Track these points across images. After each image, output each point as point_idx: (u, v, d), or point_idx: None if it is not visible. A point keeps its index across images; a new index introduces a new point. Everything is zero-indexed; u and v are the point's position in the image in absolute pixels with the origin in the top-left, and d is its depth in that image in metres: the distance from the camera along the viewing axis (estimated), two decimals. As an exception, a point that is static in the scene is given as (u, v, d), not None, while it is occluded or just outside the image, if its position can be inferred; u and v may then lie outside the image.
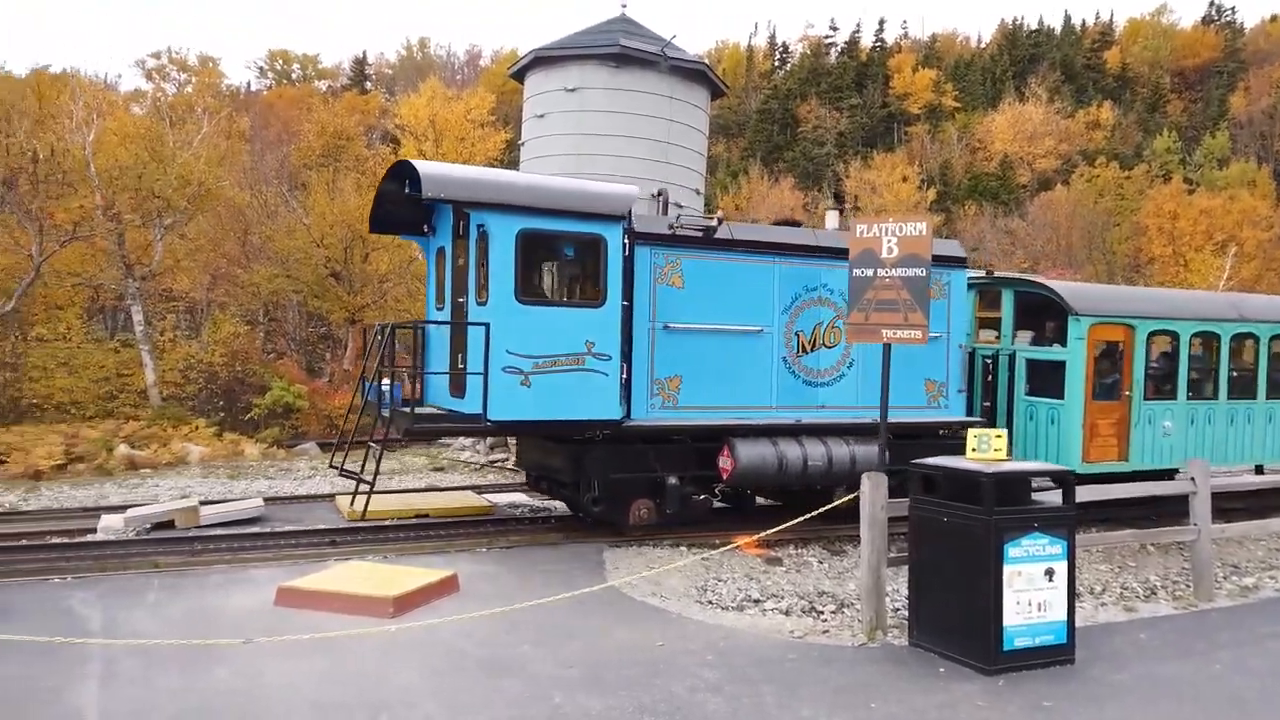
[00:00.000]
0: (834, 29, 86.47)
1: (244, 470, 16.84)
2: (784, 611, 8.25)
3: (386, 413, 10.36)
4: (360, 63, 76.22)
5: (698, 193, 20.57)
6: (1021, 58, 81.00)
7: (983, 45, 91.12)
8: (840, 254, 11.41)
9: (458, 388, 10.00)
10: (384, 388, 10.65)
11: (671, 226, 10.53)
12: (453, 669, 6.23)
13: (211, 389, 22.27)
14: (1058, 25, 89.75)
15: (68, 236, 21.32)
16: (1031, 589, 6.50)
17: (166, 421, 19.72)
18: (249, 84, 69.92)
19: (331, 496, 13.13)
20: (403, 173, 10.37)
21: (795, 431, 10.88)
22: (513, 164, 27.03)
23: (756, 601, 8.55)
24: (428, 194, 9.36)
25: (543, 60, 19.85)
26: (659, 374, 10.38)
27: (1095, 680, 6.43)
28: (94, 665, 6.10)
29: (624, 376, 9.95)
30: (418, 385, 10.78)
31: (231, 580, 8.33)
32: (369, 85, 71.49)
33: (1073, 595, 6.76)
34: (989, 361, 12.82)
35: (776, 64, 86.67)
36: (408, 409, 9.87)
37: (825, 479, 10.92)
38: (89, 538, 10.18)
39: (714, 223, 10.79)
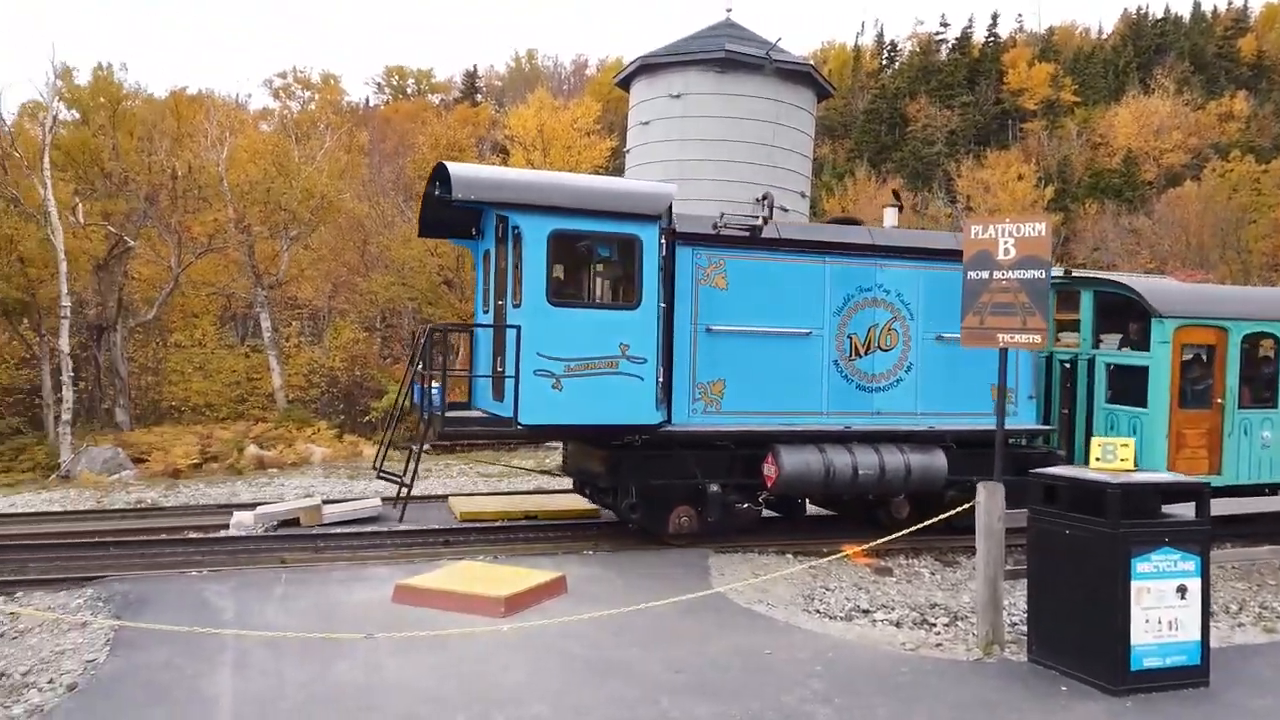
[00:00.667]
0: (945, 25, 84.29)
1: (363, 471, 17.50)
2: (895, 623, 8.08)
3: (427, 416, 10.33)
4: (471, 76, 78.29)
5: (803, 195, 20.35)
6: (1146, 48, 77.08)
7: (1104, 36, 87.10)
8: (897, 252, 11.01)
9: (498, 391, 10.04)
10: (433, 391, 10.62)
11: (716, 226, 10.25)
12: (562, 669, 6.33)
13: (332, 392, 23.27)
14: (1186, 13, 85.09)
15: (203, 248, 22.64)
16: (1162, 606, 6.19)
17: (291, 423, 20.69)
18: (367, 99, 72.71)
19: (445, 497, 13.52)
20: (443, 176, 10.35)
21: (845, 438, 10.50)
22: (617, 171, 27.29)
23: (866, 612, 8.39)
24: (457, 195, 9.28)
25: (647, 68, 19.99)
26: (701, 377, 10.14)
27: (1233, 705, 6.07)
28: (228, 655, 6.45)
29: (660, 379, 9.71)
30: (454, 388, 10.66)
31: (353, 577, 8.67)
32: (479, 97, 73.32)
33: (1207, 614, 6.40)
34: (1068, 366, 12.09)
35: (884, 63, 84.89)
36: (440, 412, 9.83)
37: (878, 488, 10.55)
38: (222, 533, 10.78)
39: (759, 221, 10.43)
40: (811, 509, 12.02)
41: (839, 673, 6.46)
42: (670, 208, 10.02)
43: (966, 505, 8.05)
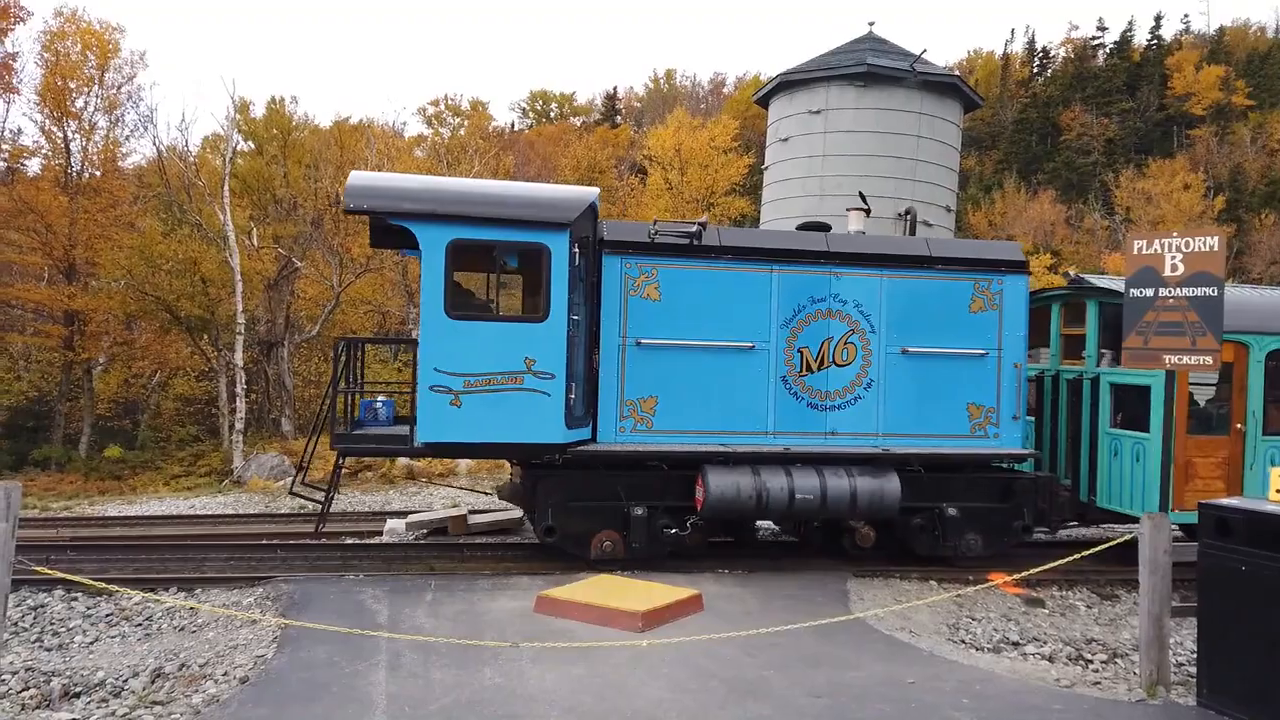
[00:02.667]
0: (1102, 29, 79.82)
1: (506, 483, 18.02)
2: (1047, 657, 7.70)
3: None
4: (611, 98, 79.92)
5: (948, 210, 19.77)
6: (1333, 45, 71.00)
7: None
8: (856, 260, 10.20)
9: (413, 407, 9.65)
10: (378, 405, 10.38)
11: (650, 234, 9.78)
12: (699, 687, 6.34)
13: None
14: (1382, 4, 77.78)
15: (362, 268, 23.98)
16: (1354, 654, 5.65)
17: (438, 436, 21.55)
18: (513, 124, 75.29)
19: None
20: None
21: (785, 460, 9.80)
22: (755, 188, 27.22)
23: (1015, 644, 8.05)
24: (348, 204, 8.98)
25: (787, 84, 19.92)
26: (630, 394, 9.65)
27: None
28: (382, 656, 6.78)
29: (572, 396, 9.17)
30: (355, 403, 10.35)
31: (497, 586, 8.96)
32: (619, 119, 74.77)
33: None
34: (1074, 386, 11.01)
35: (1035, 70, 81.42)
36: (346, 428, 9.59)
37: (820, 515, 9.85)
38: (377, 539, 11.34)
39: (692, 227, 9.87)
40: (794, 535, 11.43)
41: (988, 706, 6.20)
42: (590, 215, 9.52)
43: (1128, 536, 7.60)
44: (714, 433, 9.85)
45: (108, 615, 8.37)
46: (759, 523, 11.44)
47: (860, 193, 13.86)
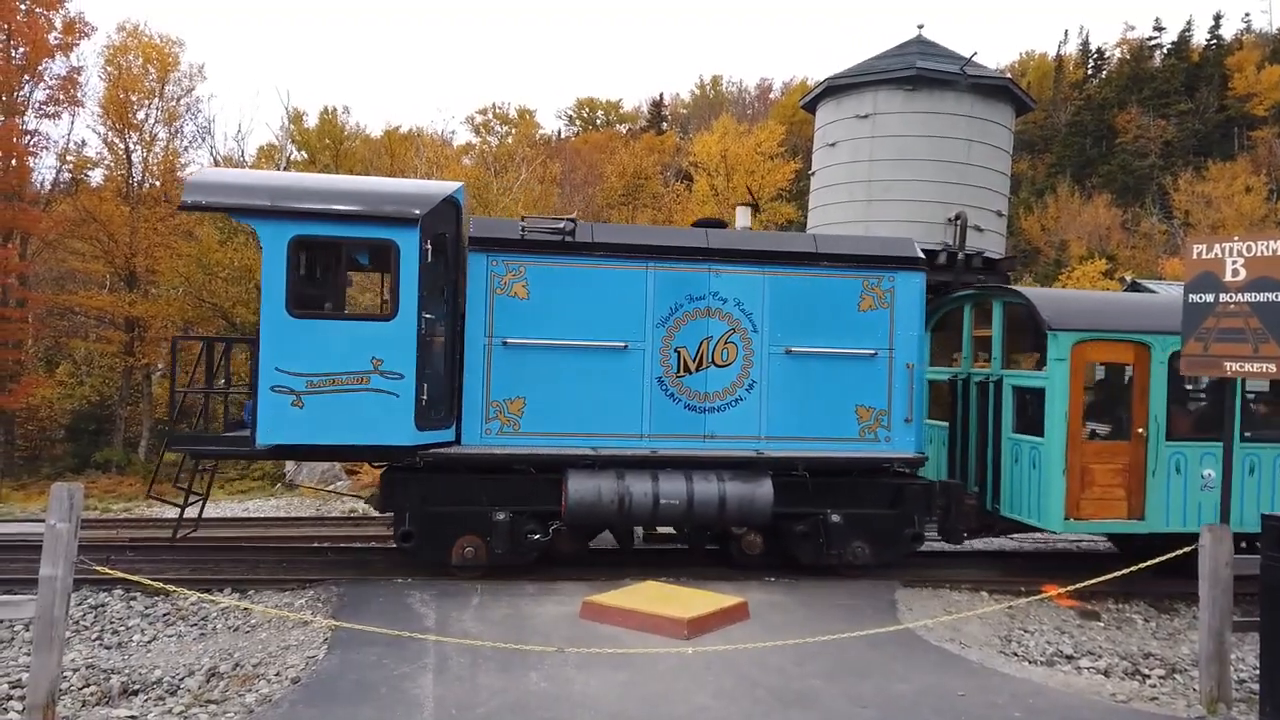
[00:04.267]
0: (1159, 29, 78.11)
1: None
2: (1102, 671, 7.53)
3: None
4: (657, 105, 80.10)
5: (999, 214, 19.45)
6: (1405, 41, 68.62)
7: (1351, 31, 78.24)
8: (737, 256, 9.88)
9: None
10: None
11: (521, 230, 9.53)
12: (745, 696, 6.30)
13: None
14: None
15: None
16: None
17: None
18: (559, 131, 75.83)
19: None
20: None
21: (653, 464, 9.46)
22: (802, 193, 27.10)
23: (1069, 658, 7.88)
24: (184, 201, 8.77)
25: (834, 89, 19.77)
26: (496, 395, 9.37)
27: None
28: (429, 659, 6.85)
29: (422, 397, 8.87)
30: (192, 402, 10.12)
31: (542, 591, 8.99)
32: (665, 125, 74.89)
33: None
34: (981, 389, 10.58)
35: (1090, 72, 79.89)
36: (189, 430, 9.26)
37: (686, 521, 9.53)
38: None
39: (561, 223, 9.60)
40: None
41: (1040, 721, 6.08)
42: (450, 210, 9.28)
43: (1189, 548, 7.39)
44: (585, 435, 9.56)
45: (165, 615, 8.58)
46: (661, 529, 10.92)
47: (749, 187, 13.50)
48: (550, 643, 7.13)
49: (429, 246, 8.98)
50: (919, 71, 18.32)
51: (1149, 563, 7.71)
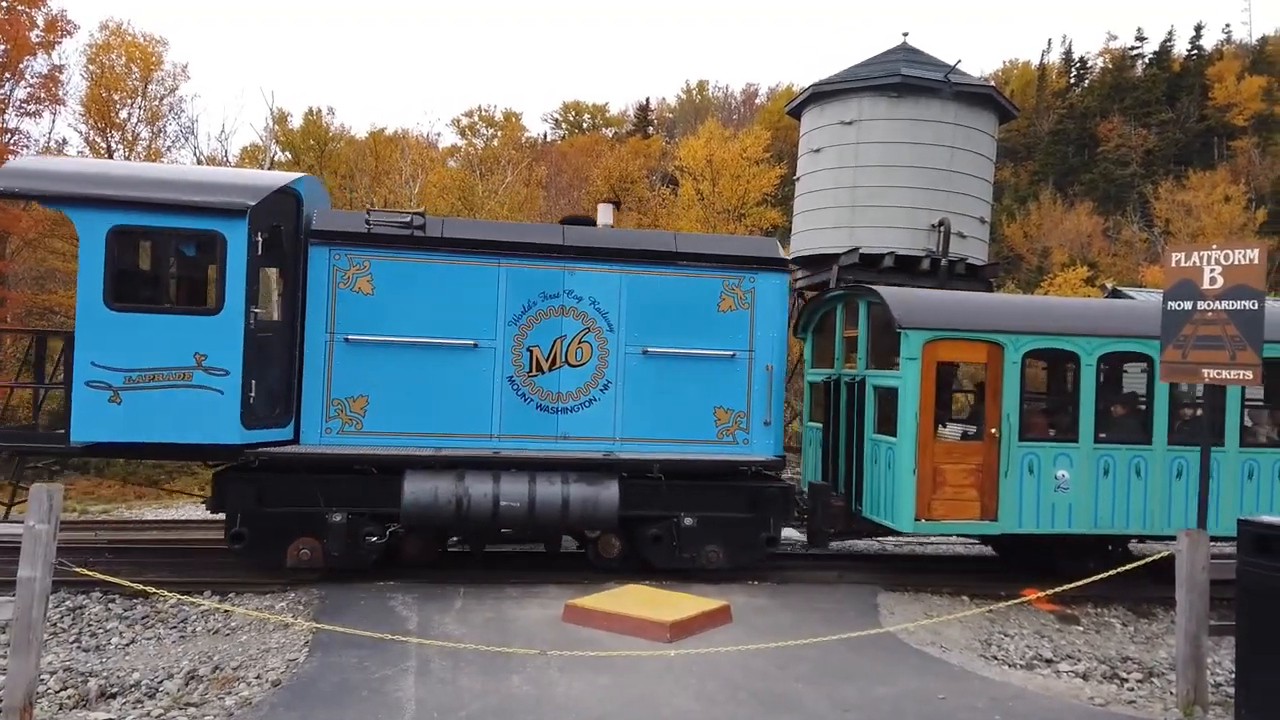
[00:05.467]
0: (1141, 39, 78.77)
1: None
2: (1081, 675, 7.59)
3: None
4: (643, 109, 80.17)
5: (982, 221, 19.59)
6: (1381, 54, 69.58)
7: (1329, 43, 79.23)
8: (593, 254, 9.75)
9: None
10: None
11: (368, 223, 9.34)
12: (727, 699, 6.31)
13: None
14: None
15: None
16: (1400, 677, 5.51)
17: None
18: (545, 135, 75.79)
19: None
20: None
21: (497, 465, 9.30)
22: (787, 199, 27.20)
23: (1049, 661, 7.94)
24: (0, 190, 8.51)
25: (820, 95, 19.88)
26: (338, 393, 9.18)
27: None
28: (411, 662, 6.83)
29: (250, 395, 8.62)
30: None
31: (525, 594, 8.99)
32: (651, 129, 74.97)
33: None
34: (848, 389, 10.57)
35: (1072, 80, 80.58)
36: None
37: (528, 524, 9.36)
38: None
39: (408, 217, 9.39)
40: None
41: (1019, 724, 6.12)
42: (287, 202, 9.04)
43: (1165, 554, 7.47)
44: (431, 435, 9.39)
45: (144, 617, 8.51)
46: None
47: (613, 185, 13.40)
48: (533, 646, 7.12)
49: (260, 239, 8.72)
50: (904, 79, 18.46)
51: (1127, 566, 7.78)
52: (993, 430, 9.63)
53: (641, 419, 9.74)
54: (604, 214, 11.13)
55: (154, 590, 7.72)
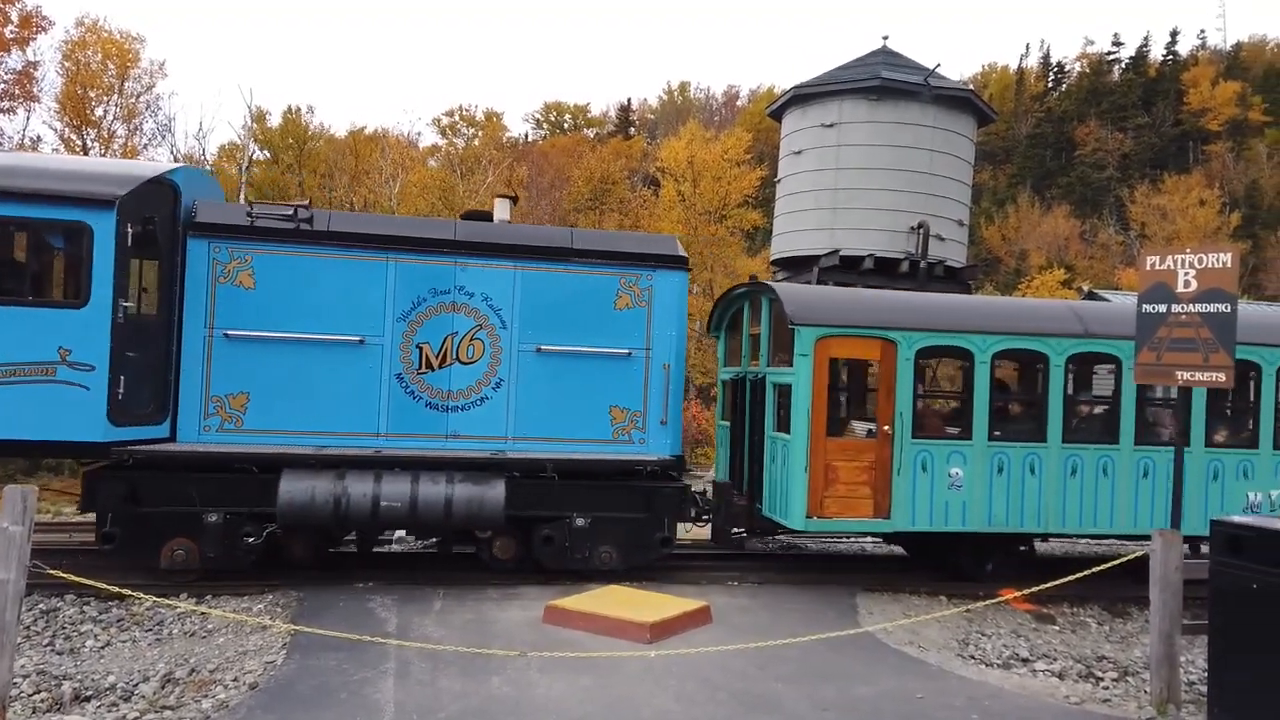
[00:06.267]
0: (1118, 44, 79.72)
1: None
2: (1057, 674, 7.66)
3: None
4: (625, 110, 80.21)
5: (961, 224, 19.75)
6: (1352, 60, 70.70)
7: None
8: (486, 250, 9.56)
9: None
10: None
11: (250, 215, 9.12)
12: (707, 699, 6.33)
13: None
14: (1401, 20, 77.42)
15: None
16: (1367, 675, 5.59)
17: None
18: (526, 135, 75.63)
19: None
20: None
21: (381, 464, 9.07)
22: (768, 200, 27.29)
23: (1025, 660, 8.01)
24: None
25: (800, 98, 19.97)
26: (217, 390, 8.96)
27: None
28: (390, 664, 6.80)
29: (119, 391, 8.37)
30: None
31: (506, 595, 8.97)
32: (632, 130, 75.01)
33: None
34: (752, 387, 10.57)
35: (1050, 85, 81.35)
36: None
37: (410, 524, 9.19)
38: (387, 549, 11.34)
39: (292, 210, 9.22)
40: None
41: (996, 723, 6.18)
42: (163, 193, 8.82)
43: (1140, 554, 7.56)
44: (316, 433, 9.19)
45: (119, 620, 8.42)
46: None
47: (510, 180, 13.22)
48: (513, 647, 7.11)
49: (131, 230, 8.48)
50: (883, 82, 18.58)
51: (1103, 566, 7.86)
52: (886, 428, 9.56)
53: (535, 418, 9.61)
54: (501, 209, 10.91)
55: (129, 593, 7.65)
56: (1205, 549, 11.19)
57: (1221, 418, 10.55)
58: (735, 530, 10.62)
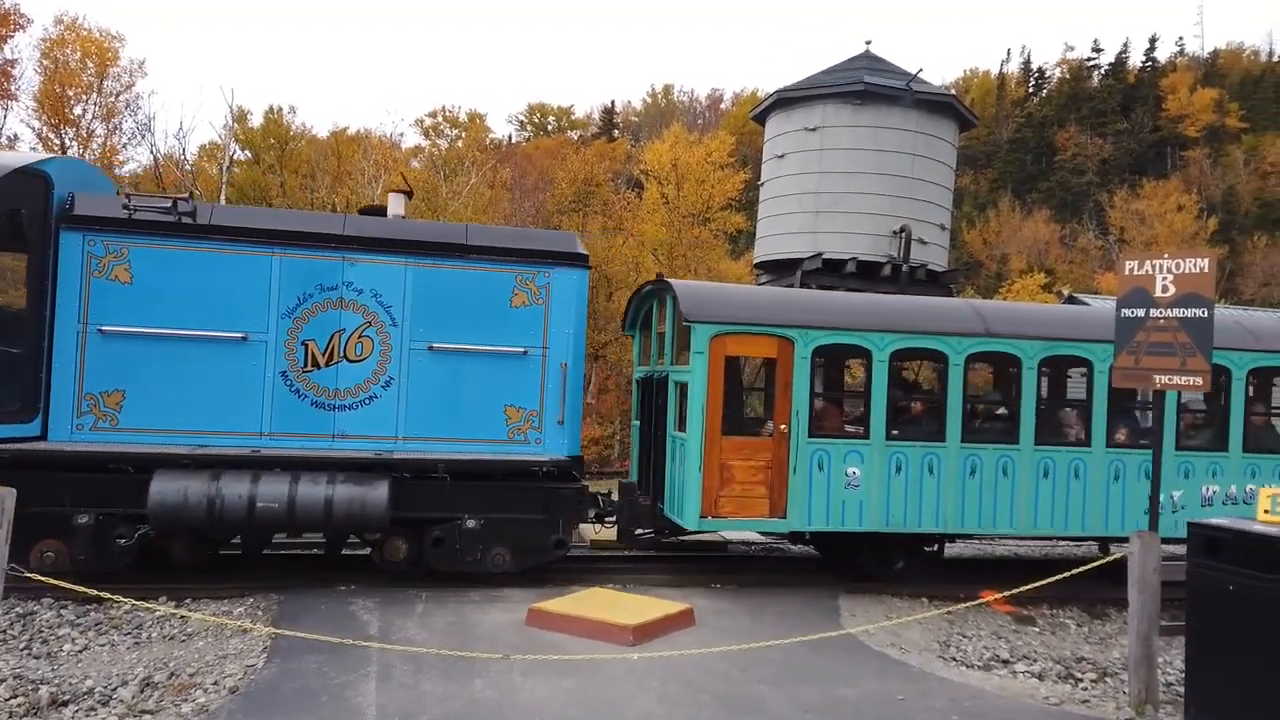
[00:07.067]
0: (1097, 50, 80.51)
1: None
2: (1037, 675, 7.72)
3: None
4: (609, 112, 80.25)
5: (943, 228, 19.88)
6: (1326, 69, 71.69)
7: (1276, 59, 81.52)
8: (376, 245, 9.35)
9: None
10: None
11: (126, 208, 8.86)
12: (689, 702, 6.34)
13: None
14: (1374, 29, 78.57)
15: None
16: (1341, 675, 5.66)
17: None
18: (510, 136, 75.52)
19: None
20: None
21: (261, 464, 8.83)
22: (751, 204, 27.37)
23: (1005, 662, 8.06)
24: None
25: (784, 101, 20.06)
26: (92, 388, 8.73)
27: None
28: (372, 667, 6.76)
29: None
30: None
31: (488, 598, 8.94)
32: (616, 133, 75.02)
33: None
34: (658, 386, 10.52)
35: (1031, 90, 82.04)
36: None
37: (288, 526, 8.97)
38: (369, 550, 11.27)
39: (172, 202, 8.98)
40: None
41: (977, 724, 6.22)
42: (30, 185, 8.60)
43: (1119, 556, 7.62)
44: (196, 433, 8.94)
45: (97, 624, 8.33)
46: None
47: (403, 174, 12.97)
48: (496, 650, 7.10)
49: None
50: (866, 86, 18.69)
51: (1083, 568, 7.93)
52: (782, 426, 9.44)
53: (426, 417, 9.40)
54: (394, 204, 10.66)
55: (108, 596, 7.58)
56: (1115, 549, 11.38)
57: (1126, 417, 10.62)
58: (640, 531, 10.56)
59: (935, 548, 10.77)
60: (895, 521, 9.67)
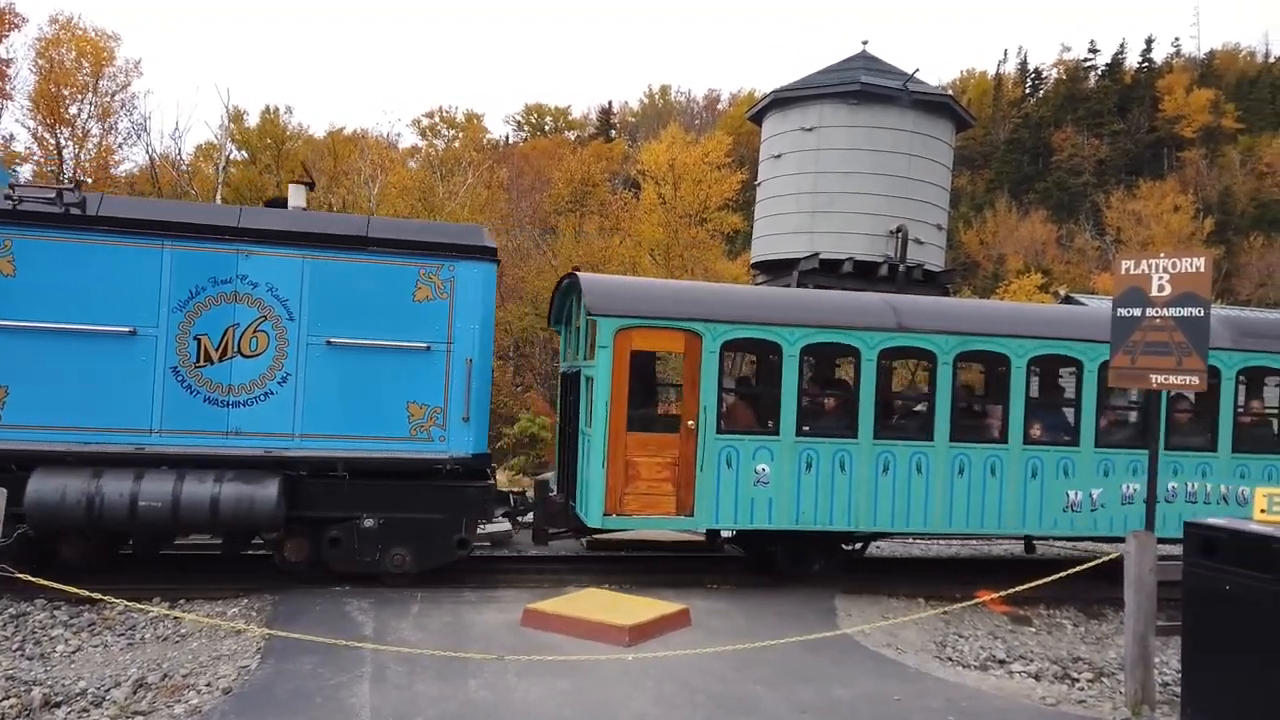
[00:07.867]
0: (1094, 51, 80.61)
1: (494, 496, 17.94)
2: (1033, 675, 7.71)
3: None
4: (606, 112, 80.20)
5: (939, 228, 19.89)
6: (1322, 69, 71.85)
7: (1271, 60, 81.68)
8: (272, 237, 9.13)
9: None
10: None
11: (10, 198, 8.66)
12: (685, 702, 6.32)
13: (466, 418, 24.13)
14: (1369, 30, 78.74)
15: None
16: (1337, 675, 5.65)
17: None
18: (507, 137, 75.44)
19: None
20: None
21: (145, 462, 8.64)
22: (748, 204, 27.38)
23: (1002, 662, 8.05)
24: None
25: (780, 101, 20.05)
26: None
27: None
28: (367, 668, 6.73)
29: None
30: None
31: (483, 599, 8.92)
32: (613, 133, 74.99)
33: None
34: (573, 382, 10.40)
35: (1028, 91, 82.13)
36: None
37: (173, 525, 8.76)
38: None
39: (55, 193, 8.77)
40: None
41: (973, 724, 6.21)
42: None
43: (1114, 556, 7.61)
44: (83, 429, 8.69)
45: (90, 625, 8.30)
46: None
47: (304, 164, 12.83)
48: (491, 650, 7.07)
49: None
50: (863, 86, 18.69)
51: (1079, 568, 7.92)
52: (690, 423, 9.26)
53: (324, 414, 9.15)
54: (295, 195, 10.45)
55: (101, 597, 7.55)
56: (1026, 547, 11.22)
57: (1044, 414, 10.46)
58: (553, 530, 10.43)
59: (856, 547, 10.58)
60: (806, 519, 9.49)
